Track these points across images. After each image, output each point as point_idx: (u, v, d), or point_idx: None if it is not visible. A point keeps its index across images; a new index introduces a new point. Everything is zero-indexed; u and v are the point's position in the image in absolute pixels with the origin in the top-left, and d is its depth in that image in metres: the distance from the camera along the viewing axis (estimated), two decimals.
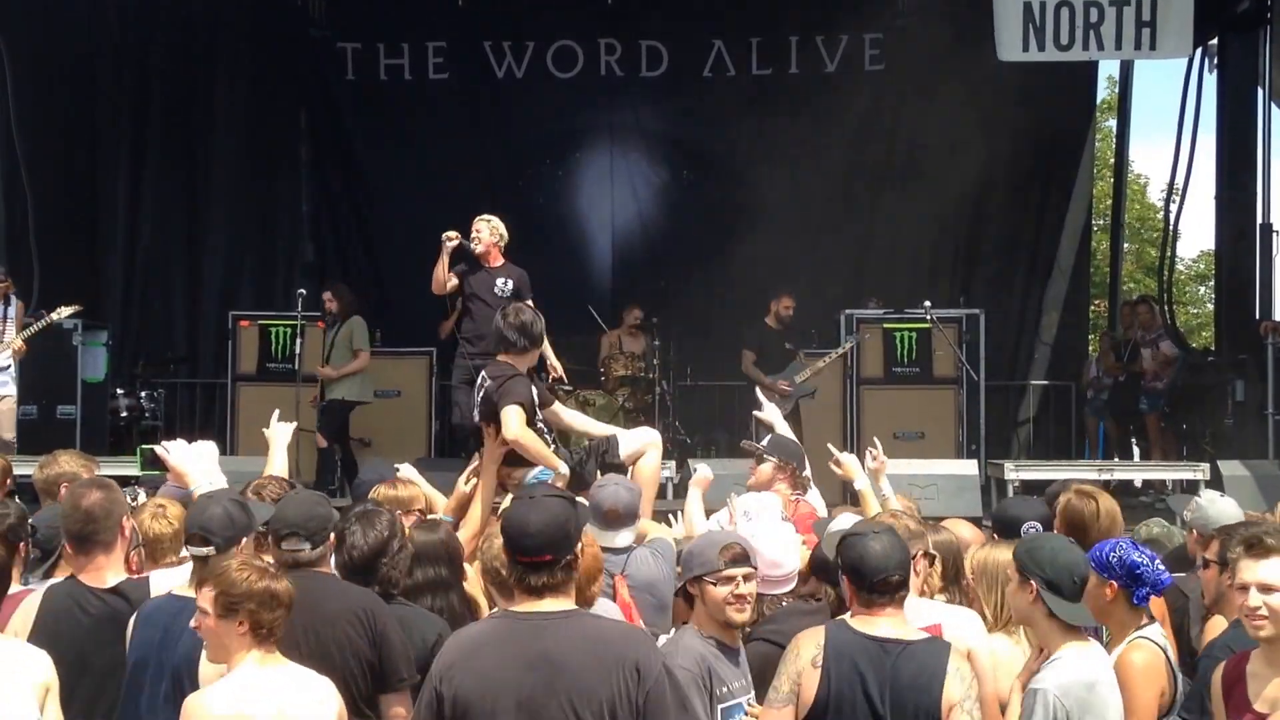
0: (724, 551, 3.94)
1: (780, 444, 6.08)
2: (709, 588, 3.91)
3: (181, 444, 4.69)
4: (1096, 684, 3.69)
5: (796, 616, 4.17)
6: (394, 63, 14.03)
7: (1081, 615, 3.83)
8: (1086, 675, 3.70)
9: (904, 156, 13.93)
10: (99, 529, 4.16)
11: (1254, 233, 11.56)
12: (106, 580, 4.16)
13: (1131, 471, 10.78)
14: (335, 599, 4.07)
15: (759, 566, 4.15)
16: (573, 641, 3.31)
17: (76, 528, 4.17)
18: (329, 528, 4.16)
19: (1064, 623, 3.78)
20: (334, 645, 3.96)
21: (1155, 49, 10.53)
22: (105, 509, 4.17)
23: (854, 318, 11.86)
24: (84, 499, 4.18)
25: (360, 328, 10.91)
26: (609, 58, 13.99)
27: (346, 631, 3.97)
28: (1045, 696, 3.65)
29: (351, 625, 4.00)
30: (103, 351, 11.72)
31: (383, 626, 4.01)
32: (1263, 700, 3.56)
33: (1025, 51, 10.41)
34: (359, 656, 3.97)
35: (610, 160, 14.33)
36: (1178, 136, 12.16)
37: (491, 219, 9.17)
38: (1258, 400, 10.67)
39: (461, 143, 14.08)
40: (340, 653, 3.96)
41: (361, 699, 3.96)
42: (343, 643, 3.97)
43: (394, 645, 4.00)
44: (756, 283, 13.33)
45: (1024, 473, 9.68)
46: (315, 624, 3.95)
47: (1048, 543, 3.97)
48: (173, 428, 12.01)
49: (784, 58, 13.92)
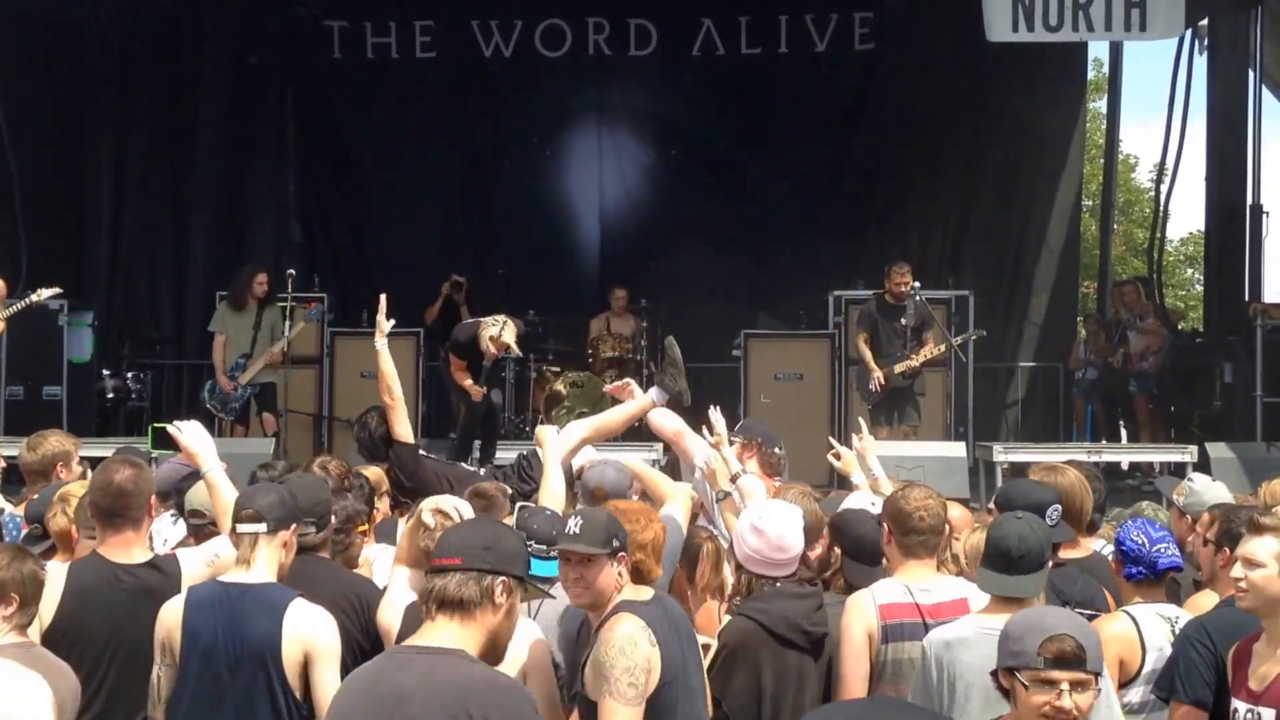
0: (1048, 644, 3.08)
1: (749, 425, 6.18)
2: (1020, 689, 3.11)
3: (194, 424, 4.67)
4: (955, 643, 3.71)
5: (785, 599, 4.14)
6: (381, 41, 13.95)
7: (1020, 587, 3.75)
8: (951, 633, 3.76)
9: (893, 137, 13.91)
10: (130, 505, 4.15)
11: (1243, 214, 11.55)
12: (135, 556, 4.15)
13: (1119, 454, 10.79)
14: (330, 584, 4.10)
15: (764, 548, 4.15)
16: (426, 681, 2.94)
17: (108, 503, 4.15)
18: (331, 511, 4.24)
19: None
20: None
21: (1145, 30, 10.50)
22: (136, 486, 4.17)
23: (843, 299, 11.85)
24: (116, 475, 4.16)
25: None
26: (597, 36, 13.93)
27: (342, 619, 3.99)
28: (924, 647, 3.80)
29: (346, 613, 4.03)
30: (88, 332, 11.65)
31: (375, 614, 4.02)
32: (1255, 677, 3.63)
33: (1015, 32, 10.37)
34: (351, 642, 3.98)
35: (598, 140, 14.28)
36: (1168, 118, 12.15)
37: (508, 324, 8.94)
38: (1246, 382, 10.68)
39: (449, 122, 14.03)
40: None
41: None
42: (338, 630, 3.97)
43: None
44: (745, 263, 13.35)
45: (1012, 455, 9.66)
46: None
47: (999, 521, 3.96)
48: (159, 409, 11.97)
49: (773, 37, 13.86)
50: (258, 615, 3.73)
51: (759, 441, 6.00)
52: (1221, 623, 3.87)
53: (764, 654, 4.05)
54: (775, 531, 4.18)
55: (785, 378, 11.69)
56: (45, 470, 5.44)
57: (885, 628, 4.00)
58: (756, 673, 4.04)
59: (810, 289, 12.45)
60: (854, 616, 4.05)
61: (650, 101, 14.22)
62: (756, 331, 12.03)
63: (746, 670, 4.04)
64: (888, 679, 4.00)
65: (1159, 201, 13.14)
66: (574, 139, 14.32)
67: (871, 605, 4.03)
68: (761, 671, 4.04)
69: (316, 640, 3.74)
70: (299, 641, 3.73)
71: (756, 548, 4.19)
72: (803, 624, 4.09)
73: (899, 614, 4.02)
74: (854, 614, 4.05)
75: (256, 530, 3.87)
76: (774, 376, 11.70)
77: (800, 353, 11.83)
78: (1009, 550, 3.76)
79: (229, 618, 3.73)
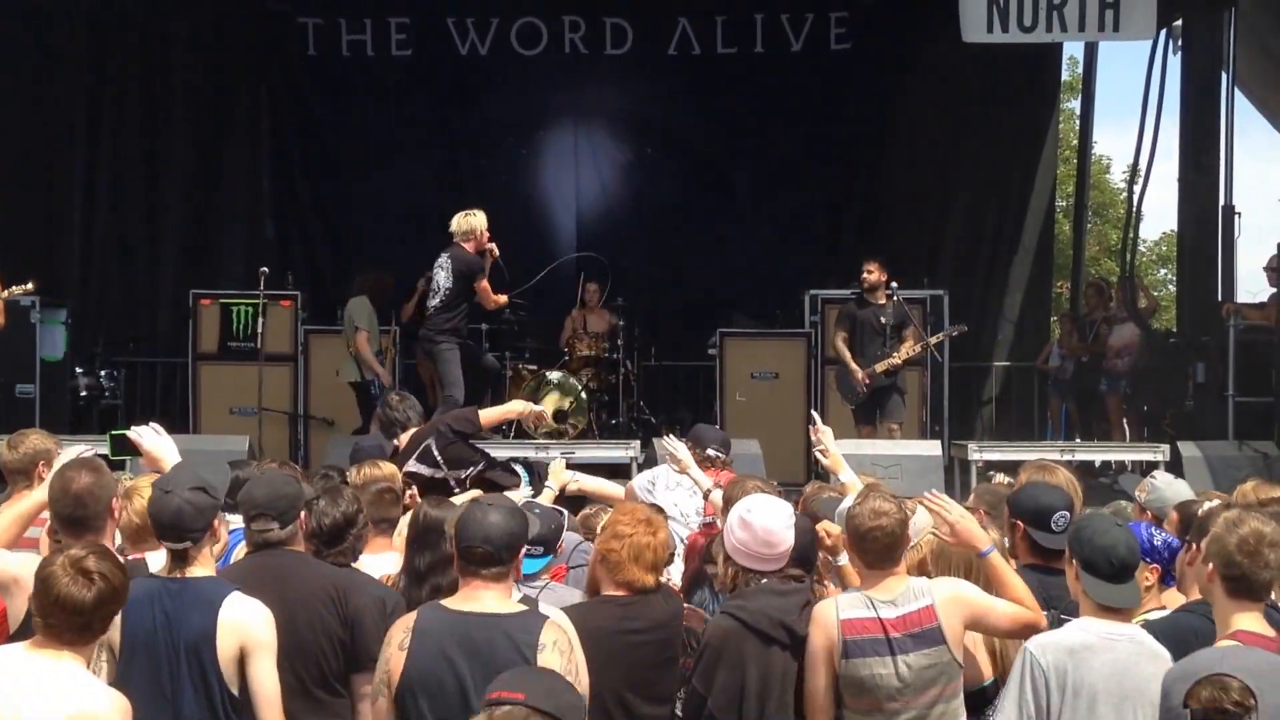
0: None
1: (691, 433, 6.63)
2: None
3: (155, 427, 4.62)
4: (1080, 649, 3.64)
5: (767, 595, 4.11)
6: (356, 39, 13.88)
7: (1122, 597, 3.74)
8: (1071, 639, 3.67)
9: (868, 136, 13.95)
10: (89, 513, 4.08)
11: (1216, 214, 11.61)
12: None
13: (1093, 452, 10.84)
14: (306, 578, 4.08)
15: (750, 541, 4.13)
16: None
17: (67, 511, 4.08)
18: (298, 506, 4.18)
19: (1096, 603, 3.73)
20: (304, 624, 3.98)
21: (1119, 31, 10.57)
22: (95, 492, 4.10)
23: (819, 298, 11.87)
24: (74, 483, 4.09)
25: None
26: (573, 35, 13.90)
27: (318, 610, 3.99)
28: (1024, 654, 3.67)
29: (323, 604, 4.02)
30: (61, 330, 11.56)
31: (355, 606, 4.03)
32: None
33: (989, 33, 10.42)
34: (330, 635, 3.99)
35: (574, 138, 14.27)
36: (1141, 118, 12.19)
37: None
38: (1218, 382, 10.74)
39: (424, 120, 13.99)
40: (311, 631, 3.99)
41: (333, 677, 4.00)
42: (314, 621, 4.00)
43: (367, 624, 4.00)
44: (721, 262, 13.37)
45: (987, 453, 9.72)
46: (287, 603, 3.95)
47: (1090, 523, 3.91)
48: (133, 407, 11.90)
49: (749, 36, 13.88)
50: (194, 609, 3.72)
51: (690, 444, 6.40)
52: (1172, 629, 3.81)
53: (747, 651, 4.02)
54: (761, 525, 4.15)
55: (761, 376, 11.70)
56: (27, 469, 5.35)
57: (846, 643, 3.93)
58: (741, 670, 4.01)
59: (786, 288, 12.47)
60: (815, 628, 4.00)
61: (626, 100, 14.22)
62: (732, 330, 12.04)
63: (730, 668, 4.02)
64: (853, 693, 3.96)
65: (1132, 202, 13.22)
66: (550, 137, 14.30)
67: (834, 619, 3.97)
68: (746, 669, 4.01)
69: (252, 633, 3.74)
70: (234, 634, 3.72)
71: (744, 540, 4.17)
72: (785, 620, 4.05)
73: (861, 629, 3.94)
74: (815, 626, 4.00)
75: (270, 530, 3.96)
76: (750, 375, 11.71)
77: (776, 352, 11.84)
78: (1122, 559, 3.71)
79: (167, 612, 3.72)
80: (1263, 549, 3.47)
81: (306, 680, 3.99)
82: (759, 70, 13.80)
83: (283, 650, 3.87)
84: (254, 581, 3.97)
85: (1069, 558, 3.82)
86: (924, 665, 3.91)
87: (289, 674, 3.91)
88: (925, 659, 3.91)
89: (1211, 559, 3.54)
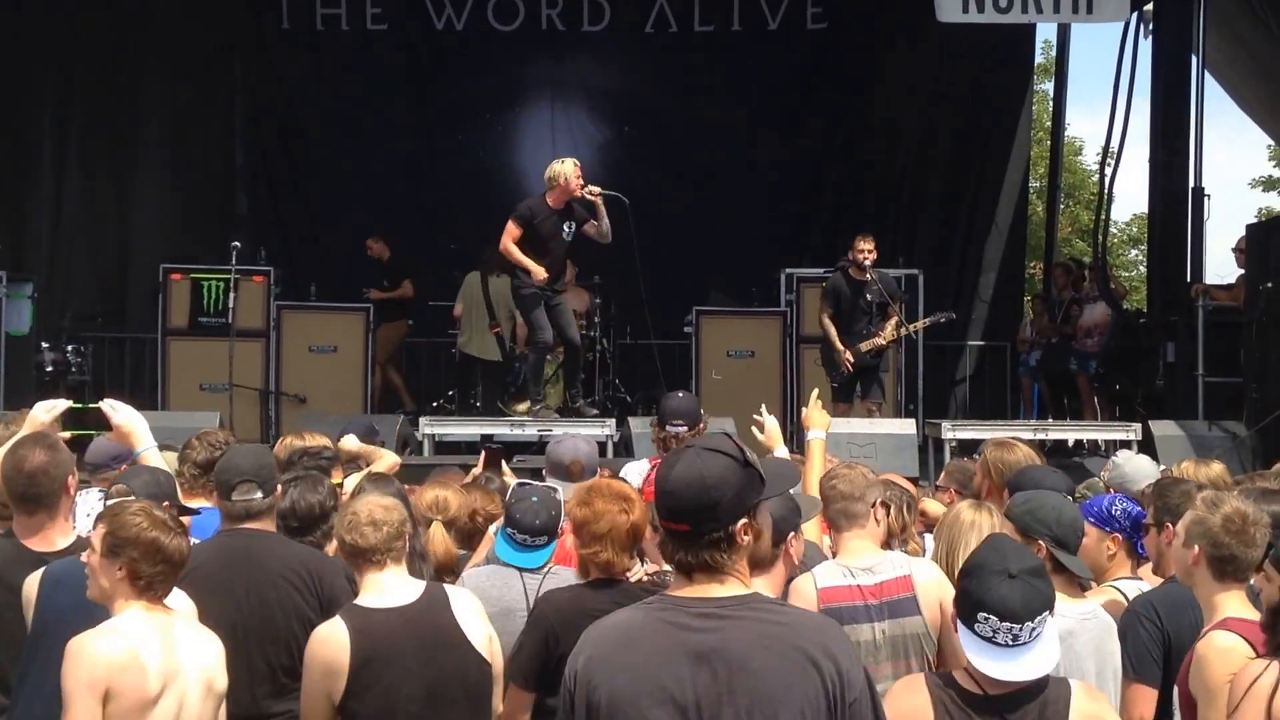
0: None
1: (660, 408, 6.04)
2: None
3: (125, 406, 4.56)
4: (1065, 636, 3.62)
5: None
6: (331, 12, 13.75)
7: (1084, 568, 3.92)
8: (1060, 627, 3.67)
9: (845, 116, 13.96)
10: (43, 491, 3.98)
11: (1186, 196, 11.69)
12: (55, 543, 3.99)
13: (1065, 431, 10.89)
14: (279, 557, 4.02)
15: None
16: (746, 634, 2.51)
17: (21, 489, 3.98)
18: (276, 478, 4.17)
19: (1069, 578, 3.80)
20: (277, 605, 3.92)
21: (1092, 13, 10.59)
22: (48, 472, 3.98)
23: (795, 276, 11.89)
24: (27, 461, 3.97)
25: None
26: (550, 11, 13.83)
27: (290, 593, 3.92)
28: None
29: (296, 587, 3.95)
30: (28, 304, 11.40)
31: (330, 587, 3.95)
32: None
33: (964, 13, 10.42)
34: (303, 618, 3.90)
35: (551, 115, 14.19)
36: (1113, 101, 12.25)
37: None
38: (1188, 361, 10.82)
39: (400, 95, 13.90)
40: (283, 613, 3.92)
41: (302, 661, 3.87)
42: (286, 603, 3.93)
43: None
44: (697, 240, 13.35)
45: (960, 432, 9.75)
46: (258, 583, 3.91)
47: (1046, 500, 3.96)
48: (101, 382, 11.79)
49: (726, 14, 13.85)
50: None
51: (653, 423, 6.01)
52: (1168, 599, 3.84)
53: None
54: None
55: (737, 355, 11.73)
56: None
57: (824, 612, 3.87)
58: None
59: (762, 266, 12.48)
60: (795, 599, 3.95)
61: (603, 77, 14.17)
62: (708, 308, 12.04)
63: None
64: None
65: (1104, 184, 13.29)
66: (527, 114, 14.23)
67: (812, 589, 3.97)
68: None
69: None
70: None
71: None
72: None
73: (839, 597, 3.95)
74: (795, 597, 3.96)
75: (255, 498, 4.02)
76: (726, 353, 11.74)
77: (752, 330, 11.87)
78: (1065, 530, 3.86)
79: (81, 593, 3.58)
80: (1249, 527, 3.51)
81: (274, 665, 3.90)
82: (736, 48, 13.77)
83: (252, 633, 3.83)
84: (225, 559, 3.94)
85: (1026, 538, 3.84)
86: (898, 634, 3.93)
87: (258, 659, 3.86)
88: (899, 627, 3.93)
89: (1196, 541, 3.56)
